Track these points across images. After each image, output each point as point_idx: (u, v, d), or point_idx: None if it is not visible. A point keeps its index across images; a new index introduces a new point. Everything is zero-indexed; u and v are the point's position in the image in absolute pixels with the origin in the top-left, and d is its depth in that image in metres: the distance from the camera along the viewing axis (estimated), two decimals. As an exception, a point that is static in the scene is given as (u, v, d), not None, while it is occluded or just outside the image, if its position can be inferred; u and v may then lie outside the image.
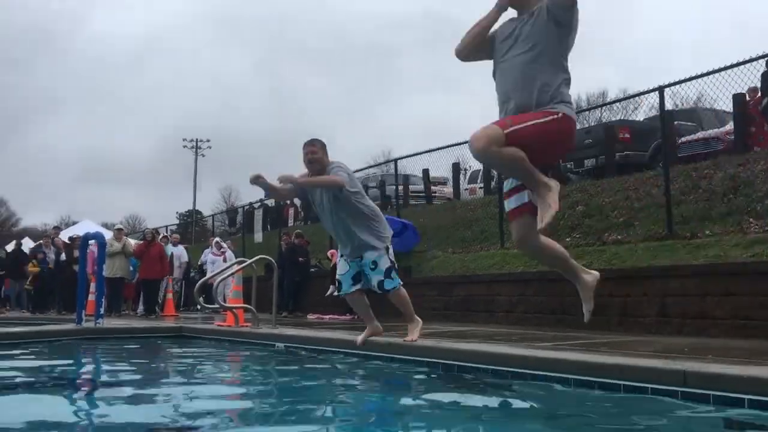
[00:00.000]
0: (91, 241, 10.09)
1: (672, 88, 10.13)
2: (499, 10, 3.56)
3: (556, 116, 3.34)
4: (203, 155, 52.15)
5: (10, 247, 17.41)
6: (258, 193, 33.69)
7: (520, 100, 3.41)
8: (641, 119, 16.14)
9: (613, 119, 22.19)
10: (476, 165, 20.90)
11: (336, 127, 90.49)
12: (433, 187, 20.70)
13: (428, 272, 12.28)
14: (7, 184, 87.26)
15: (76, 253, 14.88)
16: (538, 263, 9.64)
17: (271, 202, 27.11)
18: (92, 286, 12.05)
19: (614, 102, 19.84)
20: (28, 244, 21.73)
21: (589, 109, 27.90)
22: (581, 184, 13.29)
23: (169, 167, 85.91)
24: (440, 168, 19.04)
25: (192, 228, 39.72)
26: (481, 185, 19.77)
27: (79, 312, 9.34)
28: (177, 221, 48.27)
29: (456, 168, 19.53)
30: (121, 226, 15.64)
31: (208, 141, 52.57)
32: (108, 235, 14.13)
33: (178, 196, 79.47)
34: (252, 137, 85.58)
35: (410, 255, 13.36)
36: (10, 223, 60.75)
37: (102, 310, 9.43)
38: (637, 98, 13.49)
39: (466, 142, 14.44)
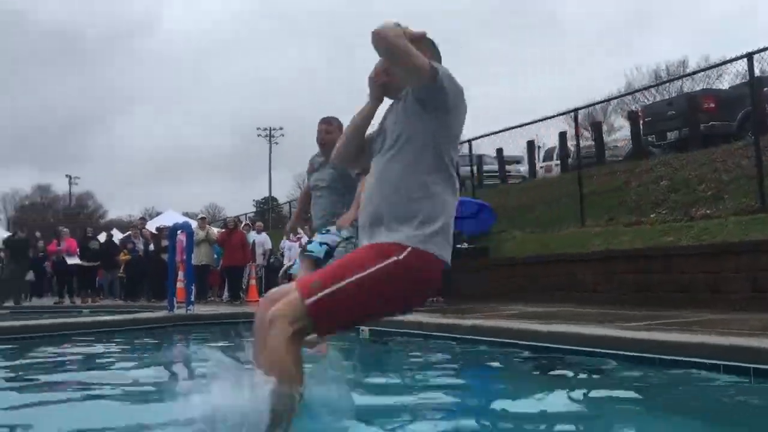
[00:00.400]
0: (180, 231, 10.47)
1: (760, 54, 9.63)
2: (375, 103, 2.65)
3: (396, 258, 2.30)
4: (276, 143, 53.19)
5: (102, 238, 18.31)
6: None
7: (372, 216, 2.45)
8: (725, 88, 15.40)
9: (696, 89, 21.30)
10: (551, 142, 20.46)
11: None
12: (507, 167, 20.41)
13: (506, 253, 12.17)
14: (94, 177, 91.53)
15: (164, 243, 15.52)
16: (623, 241, 9.43)
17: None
18: (180, 274, 12.50)
19: (698, 72, 18.89)
20: (117, 236, 22.81)
21: (670, 81, 26.84)
22: (664, 157, 12.84)
23: (244, 156, 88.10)
24: (514, 147, 18.77)
25: (269, 215, 40.56)
26: (557, 162, 19.35)
27: (170, 299, 9.75)
28: (254, 209, 49.52)
29: (530, 146, 19.17)
30: (204, 215, 16.18)
31: (281, 129, 53.54)
32: (192, 224, 14.64)
33: (253, 185, 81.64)
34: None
35: (487, 236, 13.27)
36: (98, 215, 63.77)
37: (192, 297, 9.81)
38: (719, 66, 12.80)
39: (541, 120, 14.15)
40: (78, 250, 15.55)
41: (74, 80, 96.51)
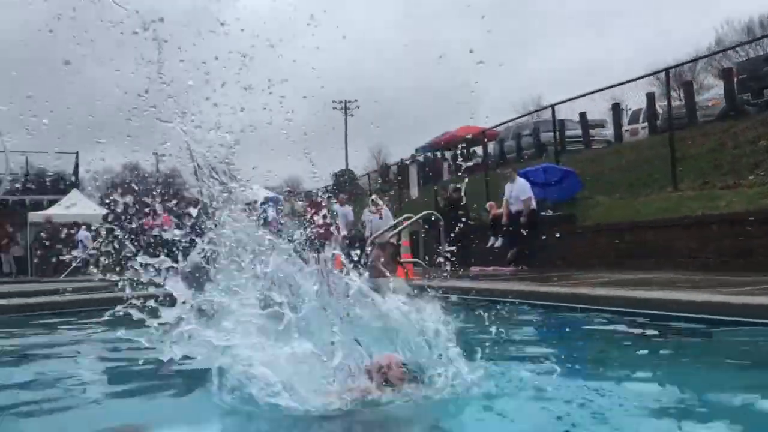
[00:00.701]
0: (269, 204, 10.80)
1: None
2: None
3: None
4: (352, 115, 53.47)
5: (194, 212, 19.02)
6: (410, 150, 34.09)
7: None
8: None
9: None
10: (637, 104, 19.77)
11: (481, 78, 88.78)
12: (590, 131, 19.91)
13: (593, 219, 11.95)
14: (179, 155, 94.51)
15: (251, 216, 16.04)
16: (719, 205, 9.10)
17: (420, 158, 27.45)
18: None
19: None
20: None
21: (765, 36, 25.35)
22: (762, 117, 12.22)
23: (321, 129, 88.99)
24: (597, 110, 18.31)
25: (346, 187, 41.01)
26: (644, 125, 18.73)
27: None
28: (331, 182, 50.19)
29: (616, 108, 18.61)
30: (289, 189, 16.56)
31: (356, 101, 53.73)
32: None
33: (330, 158, 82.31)
34: (397, 94, 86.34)
35: (573, 203, 13.06)
36: (184, 191, 66.10)
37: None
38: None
39: (626, 82, 13.71)
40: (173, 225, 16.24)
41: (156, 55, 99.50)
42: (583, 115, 18.36)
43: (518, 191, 11.96)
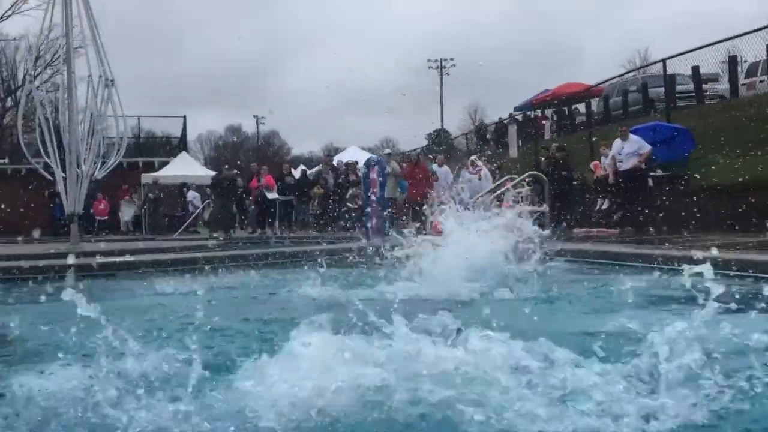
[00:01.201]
0: (372, 165, 10.95)
1: None
2: None
3: None
4: (448, 74, 52.73)
5: (297, 173, 19.59)
6: (508, 109, 33.44)
7: None
8: None
9: None
10: (755, 56, 18.46)
11: (582, 33, 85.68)
12: (703, 86, 18.79)
13: (706, 180, 11.40)
14: (278, 116, 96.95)
15: (351, 177, 16.31)
16: None
17: (519, 117, 26.87)
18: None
19: None
20: (303, 171, 24.29)
21: None
22: None
23: (416, 90, 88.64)
24: (710, 64, 17.23)
25: (441, 148, 40.81)
26: (762, 78, 17.51)
27: (366, 230, 10.31)
28: (426, 142, 50.03)
29: (732, 61, 17.44)
30: (389, 151, 16.69)
31: (452, 59, 52.87)
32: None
33: (425, 118, 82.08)
34: (495, 52, 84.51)
35: (685, 162, 12.48)
36: (283, 152, 67.88)
37: (387, 228, 10.30)
38: None
39: (744, 34, 12.86)
40: (276, 185, 16.81)
41: (255, 23, 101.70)
42: (695, 69, 17.32)
43: (634, 147, 11.54)
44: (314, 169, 22.61)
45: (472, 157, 17.67)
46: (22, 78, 36.98)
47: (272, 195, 16.61)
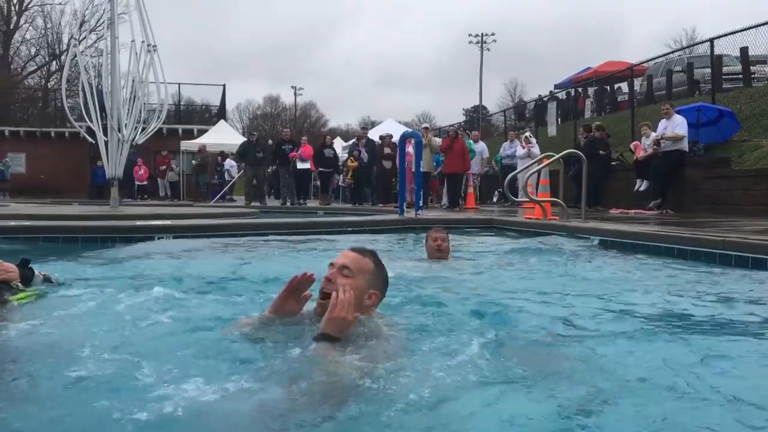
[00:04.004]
0: (408, 139, 10.93)
1: None
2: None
3: None
4: (488, 49, 51.96)
5: (337, 147, 19.68)
6: (549, 86, 32.87)
7: None
8: None
9: None
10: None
11: (624, 12, 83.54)
12: (751, 68, 18.24)
13: (751, 163, 11.14)
14: (316, 88, 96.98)
15: (386, 150, 16.29)
16: None
17: (562, 95, 26.46)
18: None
19: None
20: (339, 143, 24.33)
21: None
22: None
23: (455, 65, 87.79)
24: (760, 45, 16.69)
25: (478, 124, 40.51)
26: (814, 62, 16.93)
27: (401, 204, 10.33)
28: (464, 118, 49.61)
29: (783, 43, 16.88)
30: (427, 125, 16.62)
31: (493, 35, 52.06)
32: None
33: (463, 93, 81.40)
34: (538, 28, 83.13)
35: (729, 145, 12.21)
36: (320, 124, 68.04)
37: (421, 203, 10.30)
38: None
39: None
40: (313, 156, 16.86)
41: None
42: (744, 50, 16.80)
43: (674, 127, 11.29)
44: (349, 142, 22.64)
45: (527, 133, 17.41)
46: (67, 42, 37.61)
47: (303, 165, 16.62)
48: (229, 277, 4.39)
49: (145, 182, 25.62)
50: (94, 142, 12.91)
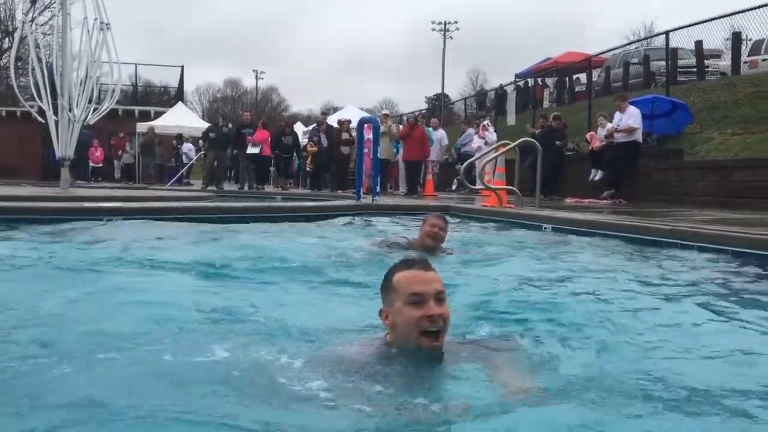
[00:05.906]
0: (366, 125, 10.87)
1: None
2: None
3: None
4: (451, 38, 52.00)
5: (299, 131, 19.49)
6: (511, 76, 33.05)
7: None
8: None
9: None
10: (759, 33, 18.24)
11: (587, 3, 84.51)
12: (705, 61, 18.60)
13: (703, 155, 11.38)
14: (278, 73, 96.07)
15: (344, 136, 16.16)
16: None
17: (522, 84, 26.65)
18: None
19: None
20: (300, 128, 24.10)
21: None
22: None
23: (419, 53, 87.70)
24: (713, 40, 17.02)
25: (440, 112, 40.54)
26: (766, 57, 17.35)
27: (357, 190, 10.28)
28: (426, 105, 49.62)
29: (736, 38, 17.24)
30: (387, 111, 16.56)
31: (456, 23, 52.09)
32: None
33: (426, 81, 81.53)
34: (501, 18, 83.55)
35: (682, 136, 12.45)
36: (281, 109, 67.33)
37: (378, 189, 10.26)
38: None
39: (749, 9, 12.67)
40: (269, 141, 16.61)
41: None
42: (699, 43, 17.12)
43: (628, 119, 11.43)
44: (309, 127, 22.42)
45: (486, 121, 17.41)
46: (21, 20, 36.33)
47: (253, 150, 16.20)
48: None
49: (101, 164, 25.01)
50: (44, 122, 12.52)
